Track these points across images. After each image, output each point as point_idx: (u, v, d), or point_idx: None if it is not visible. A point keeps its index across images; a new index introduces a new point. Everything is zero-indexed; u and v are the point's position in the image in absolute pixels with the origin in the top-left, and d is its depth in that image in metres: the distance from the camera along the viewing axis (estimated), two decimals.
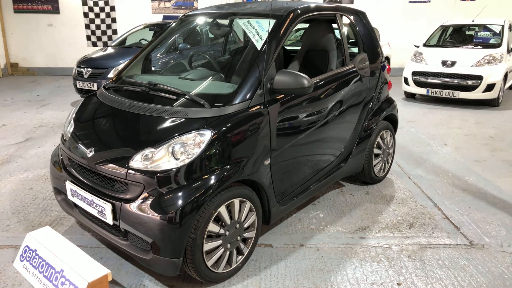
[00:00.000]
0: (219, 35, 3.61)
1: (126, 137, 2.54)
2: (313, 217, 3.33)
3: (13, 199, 3.66)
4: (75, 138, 2.72)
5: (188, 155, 2.28)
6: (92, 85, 7.36)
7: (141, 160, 2.32)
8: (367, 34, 3.71)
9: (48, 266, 2.48)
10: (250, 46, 3.00)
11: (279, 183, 2.79)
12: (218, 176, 2.32)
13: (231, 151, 2.41)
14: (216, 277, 2.48)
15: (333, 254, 2.82)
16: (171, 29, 3.58)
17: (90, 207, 2.53)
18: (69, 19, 11.83)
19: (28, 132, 5.89)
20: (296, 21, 2.94)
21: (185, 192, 2.24)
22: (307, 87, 2.55)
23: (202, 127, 2.36)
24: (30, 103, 8.01)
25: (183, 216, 2.20)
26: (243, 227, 2.55)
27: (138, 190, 2.30)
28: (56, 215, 3.38)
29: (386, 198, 3.69)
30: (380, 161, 3.91)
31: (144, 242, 2.33)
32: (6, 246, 2.94)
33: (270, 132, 2.63)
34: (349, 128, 3.46)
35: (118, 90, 2.99)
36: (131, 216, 2.29)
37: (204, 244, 2.32)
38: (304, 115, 2.90)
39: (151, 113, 2.54)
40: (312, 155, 3.10)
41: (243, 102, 2.50)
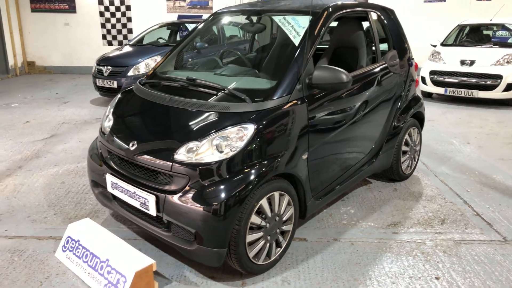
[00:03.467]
0: (253, 32, 3.65)
1: (168, 131, 2.59)
2: (344, 213, 3.36)
3: (47, 193, 3.74)
4: (116, 132, 2.78)
5: (231, 148, 2.33)
6: (112, 83, 7.46)
7: (186, 152, 2.37)
8: (395, 30, 3.74)
9: (93, 256, 2.54)
10: (286, 42, 3.05)
11: (315, 177, 2.82)
12: (260, 169, 2.36)
13: (272, 144, 2.45)
14: (257, 269, 2.52)
15: (368, 249, 2.85)
16: (202, 26, 3.63)
17: (132, 199, 2.59)
18: (85, 18, 11.96)
19: (52, 128, 5.99)
20: (332, 17, 2.98)
21: (230, 184, 2.29)
22: (346, 82, 2.58)
23: (245, 121, 2.40)
24: (50, 100, 8.12)
25: (229, 208, 2.24)
26: (282, 220, 2.59)
27: (183, 182, 2.35)
28: (90, 208, 3.45)
29: (414, 195, 3.71)
30: (407, 158, 3.93)
31: (188, 233, 2.38)
32: (45, 237, 3.01)
33: (308, 126, 2.66)
34: (380, 124, 3.49)
35: (155, 86, 3.04)
36: (175, 208, 2.34)
37: (247, 235, 2.37)
38: (340, 111, 2.94)
39: (193, 107, 2.59)
40: (346, 150, 3.13)
41: (282, 97, 2.54)
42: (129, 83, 7.41)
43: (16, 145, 5.14)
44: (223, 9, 3.62)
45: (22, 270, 2.61)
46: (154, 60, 7.54)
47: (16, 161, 4.56)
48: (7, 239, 2.97)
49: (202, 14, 12.06)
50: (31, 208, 3.45)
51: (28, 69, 12.17)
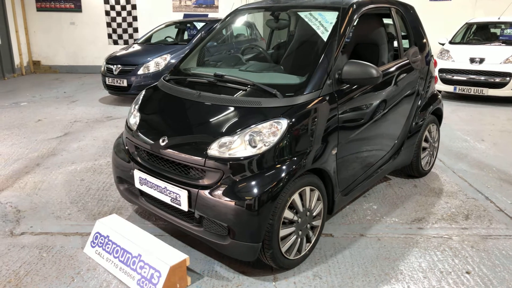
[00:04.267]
0: (277, 28, 3.64)
1: (199, 126, 2.59)
2: (367, 209, 3.37)
3: (68, 190, 3.74)
4: (145, 128, 2.79)
5: (265, 143, 2.33)
6: (122, 81, 7.46)
7: (218, 148, 2.37)
8: (416, 27, 3.74)
9: (124, 251, 2.55)
10: (310, 38, 3.05)
11: (343, 173, 2.83)
12: (293, 163, 2.37)
13: (304, 139, 2.46)
14: (288, 263, 2.53)
15: (395, 244, 2.86)
16: (223, 23, 3.63)
17: (162, 194, 2.59)
18: (91, 17, 11.95)
19: (65, 127, 5.99)
20: (359, 13, 2.97)
21: (264, 179, 2.30)
22: (376, 77, 2.59)
23: (277, 116, 2.40)
24: (58, 99, 8.12)
25: (264, 202, 2.25)
26: (312, 215, 2.60)
27: (216, 177, 2.36)
28: (113, 205, 3.45)
29: (435, 191, 3.72)
30: (427, 154, 3.94)
31: (221, 228, 2.38)
32: (72, 233, 3.01)
33: (338, 122, 2.67)
34: (402, 121, 3.49)
35: (181, 82, 3.05)
36: (209, 203, 2.35)
37: (280, 230, 2.38)
38: (366, 106, 2.95)
39: (223, 103, 2.59)
40: (371, 146, 3.14)
41: (313, 92, 2.54)
42: (139, 81, 7.43)
43: (31, 143, 5.14)
44: (244, 6, 3.62)
45: (52, 266, 2.62)
46: (164, 58, 7.54)
47: (33, 159, 4.56)
48: (33, 236, 2.97)
49: (208, 13, 12.06)
50: (54, 205, 3.45)
51: (34, 68, 12.16)
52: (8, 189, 3.75)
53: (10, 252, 2.76)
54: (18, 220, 3.19)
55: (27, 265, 2.62)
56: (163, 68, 7.45)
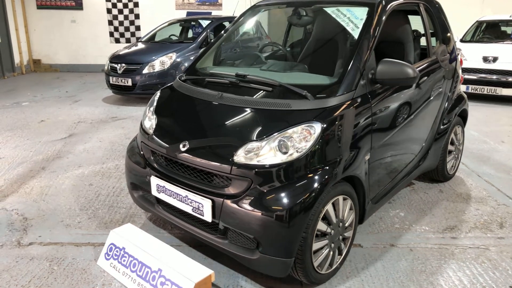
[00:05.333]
0: (300, 25, 3.45)
1: (223, 130, 2.40)
2: (394, 216, 3.19)
3: (77, 196, 3.55)
4: (163, 132, 2.60)
5: (297, 149, 2.15)
6: (127, 80, 7.27)
7: (246, 154, 2.19)
8: (442, 24, 3.56)
9: (142, 265, 2.36)
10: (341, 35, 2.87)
11: (374, 179, 2.65)
12: (328, 171, 2.19)
13: (338, 145, 2.28)
14: (320, 278, 2.35)
15: (429, 255, 2.68)
16: (242, 20, 3.44)
17: (183, 203, 2.41)
18: (92, 15, 11.73)
19: (69, 128, 5.79)
20: (389, 9, 2.79)
21: (297, 188, 2.11)
22: (413, 77, 2.41)
23: (309, 119, 2.22)
24: (61, 99, 7.92)
25: (297, 214, 2.07)
26: (344, 225, 2.42)
27: (243, 186, 2.17)
28: (125, 212, 3.26)
29: (462, 197, 3.54)
30: (452, 158, 3.77)
31: (249, 241, 2.20)
32: (83, 243, 2.82)
33: (371, 125, 2.49)
34: (430, 122, 3.32)
35: (198, 82, 2.86)
36: (235, 214, 2.16)
37: (313, 243, 2.19)
38: (398, 108, 2.77)
39: (248, 105, 2.40)
40: (401, 150, 2.96)
41: (347, 94, 2.36)
42: (144, 81, 7.23)
43: (35, 145, 4.95)
44: (262, 2, 3.43)
45: (64, 280, 2.43)
46: (169, 57, 7.34)
47: (38, 162, 4.37)
48: (42, 246, 2.79)
49: (212, 10, 11.86)
50: (63, 212, 3.26)
51: (34, 67, 11.93)
52: (14, 195, 3.55)
53: (19, 265, 2.58)
54: (26, 228, 3.00)
55: (37, 280, 2.43)
56: (169, 67, 7.26)
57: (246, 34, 9.79)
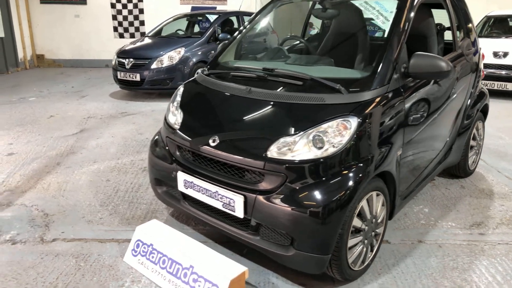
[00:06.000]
0: (325, 18, 3.40)
1: (254, 125, 2.36)
2: (418, 212, 3.16)
3: (95, 191, 3.51)
4: (190, 127, 2.56)
5: (333, 144, 2.11)
6: (135, 75, 7.21)
7: (280, 149, 2.14)
8: (466, 17, 3.52)
9: (172, 262, 2.32)
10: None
11: (403, 175, 2.62)
12: (364, 167, 2.15)
13: (374, 139, 2.24)
14: (353, 275, 2.31)
15: (459, 252, 2.65)
16: (262, 14, 3.39)
17: (212, 199, 2.37)
18: (96, 10, 11.63)
19: (79, 123, 5.74)
20: (418, 2, 2.74)
21: (334, 183, 2.07)
22: (446, 71, 2.37)
23: (344, 113, 2.18)
24: (67, 94, 7.86)
25: (334, 211, 2.03)
26: (377, 222, 2.38)
27: (277, 182, 2.13)
28: (146, 208, 3.22)
29: (485, 192, 3.51)
30: (473, 153, 3.74)
31: (282, 238, 2.16)
32: (107, 240, 2.78)
33: (404, 120, 2.45)
34: (454, 118, 3.28)
35: (223, 76, 2.81)
36: (269, 210, 2.12)
37: (349, 240, 2.16)
38: (428, 102, 2.73)
39: (279, 99, 2.36)
40: (429, 145, 2.93)
41: (381, 88, 2.31)
42: (152, 76, 7.17)
43: (47, 141, 4.90)
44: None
45: (93, 277, 2.39)
46: (177, 52, 7.28)
47: (53, 157, 4.32)
48: (66, 242, 2.75)
49: (217, 5, 11.77)
50: (83, 208, 3.22)
51: (37, 62, 11.84)
52: (31, 191, 3.51)
53: (44, 262, 2.54)
54: (47, 224, 2.96)
55: (65, 277, 2.39)
56: (177, 62, 7.20)
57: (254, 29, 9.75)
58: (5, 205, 3.25)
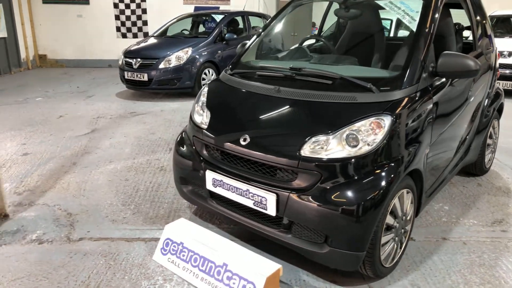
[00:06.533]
0: (348, 18, 3.41)
1: (285, 124, 2.38)
2: (439, 210, 3.19)
3: (115, 191, 3.52)
4: (219, 126, 2.57)
5: (368, 143, 2.13)
6: (143, 75, 7.21)
7: (313, 148, 2.16)
8: (484, 16, 3.55)
9: (204, 260, 2.34)
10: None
11: (429, 173, 2.64)
12: (397, 165, 2.17)
13: (406, 138, 2.26)
14: (384, 272, 2.34)
15: (484, 248, 2.69)
16: (283, 14, 3.40)
17: (243, 197, 2.38)
18: (99, 10, 11.63)
19: (89, 123, 5.74)
20: (442, 1, 2.77)
21: (369, 181, 2.10)
22: (475, 70, 2.39)
23: (376, 112, 2.20)
24: (73, 94, 7.85)
25: (370, 208, 2.05)
26: (406, 219, 2.41)
27: (311, 180, 2.15)
28: (168, 207, 3.24)
29: (502, 190, 3.55)
30: (490, 151, 3.77)
31: (316, 235, 2.18)
32: (134, 239, 2.79)
33: (432, 118, 2.48)
34: (474, 116, 3.31)
35: (248, 76, 2.82)
36: (303, 209, 2.14)
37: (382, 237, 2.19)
38: (453, 101, 2.77)
39: (310, 98, 2.38)
40: (452, 143, 2.96)
41: (411, 87, 2.34)
42: (159, 76, 7.17)
43: (60, 141, 4.89)
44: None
45: (124, 276, 2.40)
46: (185, 52, 7.29)
47: (68, 157, 4.32)
48: (93, 241, 2.76)
49: (220, 5, 11.78)
50: (105, 207, 3.23)
51: (40, 62, 11.82)
52: (51, 191, 3.51)
53: (73, 261, 2.54)
54: (72, 224, 2.97)
55: (96, 275, 2.40)
56: (185, 62, 7.21)
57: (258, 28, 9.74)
58: (27, 205, 3.26)
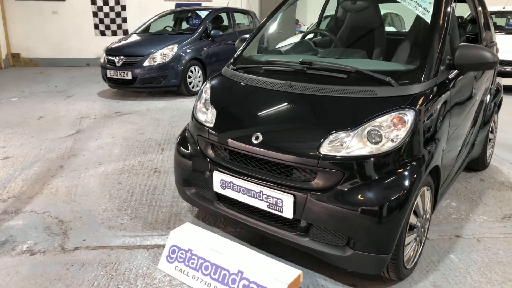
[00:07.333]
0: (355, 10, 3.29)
1: (302, 120, 2.24)
2: (447, 206, 3.13)
3: (109, 195, 3.30)
4: (227, 124, 2.41)
5: (392, 139, 2.01)
6: (126, 74, 6.94)
7: (332, 145, 2.04)
8: (485, 8, 3.52)
9: (217, 267, 2.18)
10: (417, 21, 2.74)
11: (444, 168, 2.56)
12: (421, 161, 2.07)
13: (428, 133, 2.17)
14: (406, 274, 2.24)
15: (499, 245, 2.63)
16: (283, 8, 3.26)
17: (256, 199, 2.24)
18: (75, 6, 11.19)
19: (73, 124, 5.45)
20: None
21: (393, 180, 1.99)
22: (492, 62, 2.32)
23: (398, 107, 2.08)
24: (52, 94, 7.50)
25: (396, 207, 1.94)
26: (426, 217, 2.32)
27: (332, 180, 2.02)
28: (167, 211, 3.05)
29: (505, 185, 3.53)
30: (490, 146, 3.75)
31: (336, 238, 2.06)
32: (134, 246, 2.60)
33: (450, 112, 2.40)
34: (479, 111, 3.27)
35: (254, 71, 2.68)
36: (324, 210, 2.01)
37: (406, 237, 2.09)
38: (467, 95, 2.70)
39: (325, 93, 2.25)
40: (462, 138, 2.89)
41: (430, 80, 2.24)
42: (144, 74, 6.92)
43: (43, 143, 4.61)
44: None
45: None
46: (170, 49, 7.06)
47: (53, 160, 4.06)
48: (90, 251, 2.55)
49: (201, 2, 11.55)
50: (100, 213, 3.01)
51: (13, 61, 11.28)
52: (39, 196, 3.27)
53: (70, 273, 2.34)
54: (65, 232, 2.75)
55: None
56: (170, 59, 6.99)
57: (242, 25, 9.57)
58: (13, 212, 3.01)
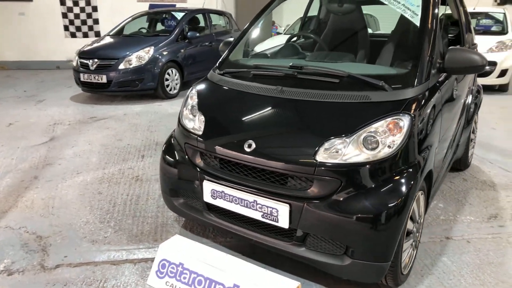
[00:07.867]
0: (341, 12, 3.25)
1: (295, 127, 2.18)
2: (434, 207, 3.15)
3: (89, 207, 3.15)
4: (217, 132, 2.33)
5: (388, 145, 1.98)
6: (101, 77, 6.71)
7: (328, 152, 1.99)
8: (466, 12, 3.57)
9: (211, 282, 2.09)
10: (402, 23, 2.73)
11: (434, 171, 2.57)
12: (418, 167, 2.05)
13: (423, 137, 2.16)
14: (403, 280, 2.22)
15: (488, 246, 2.66)
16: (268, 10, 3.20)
17: (250, 209, 2.17)
18: (44, 7, 10.75)
19: (45, 131, 5.21)
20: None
21: (391, 187, 1.96)
22: (481, 65, 2.33)
23: (393, 112, 2.06)
24: (21, 99, 7.16)
25: (394, 215, 1.91)
26: (421, 221, 2.31)
27: (329, 188, 1.97)
28: (153, 222, 2.93)
29: (488, 184, 3.59)
30: (472, 146, 3.82)
31: (335, 247, 2.01)
32: (120, 261, 2.48)
33: (441, 115, 2.40)
34: (462, 112, 3.30)
35: (242, 76, 2.60)
36: (322, 218, 1.96)
37: (404, 243, 2.06)
38: (454, 98, 2.72)
39: (318, 98, 2.20)
40: (449, 140, 2.91)
41: (423, 84, 2.23)
42: (119, 77, 6.71)
43: (15, 151, 4.38)
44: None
45: None
46: (146, 51, 6.88)
47: (27, 170, 3.85)
48: (72, 268, 2.41)
49: (176, 3, 11.35)
50: (81, 226, 2.86)
51: None
52: (13, 210, 3.08)
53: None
54: (45, 249, 2.59)
55: None
56: (147, 61, 6.80)
57: (218, 26, 9.45)
58: None
